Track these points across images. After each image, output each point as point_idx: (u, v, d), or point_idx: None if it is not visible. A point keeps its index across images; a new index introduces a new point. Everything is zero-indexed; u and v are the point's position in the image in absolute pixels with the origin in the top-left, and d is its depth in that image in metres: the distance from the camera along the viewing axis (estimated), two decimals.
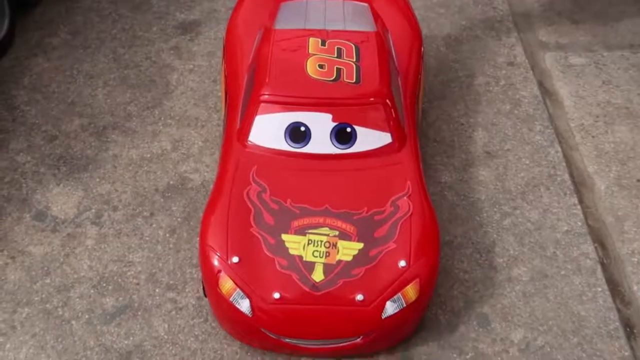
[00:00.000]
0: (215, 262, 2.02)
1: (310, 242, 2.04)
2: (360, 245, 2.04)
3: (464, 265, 2.42)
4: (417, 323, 2.19)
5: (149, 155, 2.73)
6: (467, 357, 2.19)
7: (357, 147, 2.21)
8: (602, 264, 2.44)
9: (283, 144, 2.21)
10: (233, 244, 2.03)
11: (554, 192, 2.65)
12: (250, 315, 2.00)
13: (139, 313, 2.26)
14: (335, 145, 2.21)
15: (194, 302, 2.29)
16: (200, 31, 3.24)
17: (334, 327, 2.00)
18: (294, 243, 2.04)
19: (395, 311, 2.00)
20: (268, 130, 2.23)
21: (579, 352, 2.20)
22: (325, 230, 2.06)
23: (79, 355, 2.16)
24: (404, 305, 2.01)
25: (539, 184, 2.67)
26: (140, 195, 2.60)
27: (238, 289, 1.99)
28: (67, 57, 3.09)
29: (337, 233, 2.06)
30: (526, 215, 2.57)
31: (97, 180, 2.64)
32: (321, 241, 2.04)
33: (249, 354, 2.18)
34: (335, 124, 2.20)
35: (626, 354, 2.20)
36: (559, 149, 2.80)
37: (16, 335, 2.20)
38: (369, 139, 2.22)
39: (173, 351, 2.18)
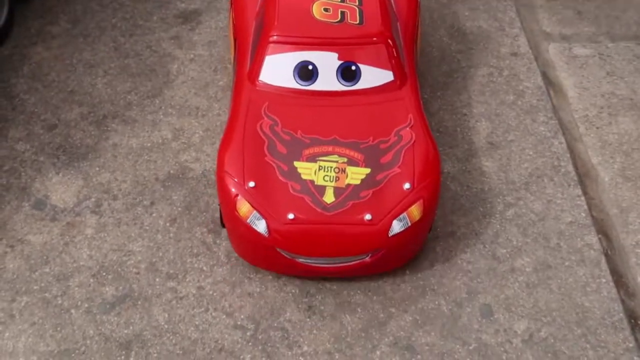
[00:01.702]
0: (233, 188, 2.16)
1: (320, 167, 2.18)
2: (368, 170, 2.19)
3: (467, 255, 2.40)
4: (420, 244, 2.32)
5: (149, 145, 2.70)
6: (470, 347, 2.17)
7: (362, 84, 2.36)
8: (607, 255, 2.42)
9: (292, 82, 2.35)
10: (249, 170, 2.17)
11: (558, 183, 2.62)
12: (266, 235, 2.12)
13: (139, 302, 2.24)
14: (341, 83, 2.35)
15: (194, 292, 2.27)
16: (201, 20, 3.21)
17: (344, 245, 2.14)
18: (305, 169, 2.18)
19: (401, 229, 2.14)
20: (278, 69, 2.36)
21: (582, 344, 2.18)
22: (334, 157, 2.21)
23: (79, 344, 2.14)
24: (409, 224, 2.15)
25: (543, 175, 2.65)
26: (141, 184, 2.57)
27: (255, 211, 2.12)
28: (67, 46, 3.06)
29: (345, 160, 2.20)
30: (530, 206, 2.55)
31: (97, 169, 2.61)
32: (331, 167, 2.18)
33: (249, 343, 2.16)
34: (340, 62, 2.35)
35: (630, 345, 2.18)
36: (563, 140, 2.78)
37: (15, 324, 2.18)
38: (372, 76, 2.37)
39: (173, 341, 2.16)
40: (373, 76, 2.36)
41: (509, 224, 2.49)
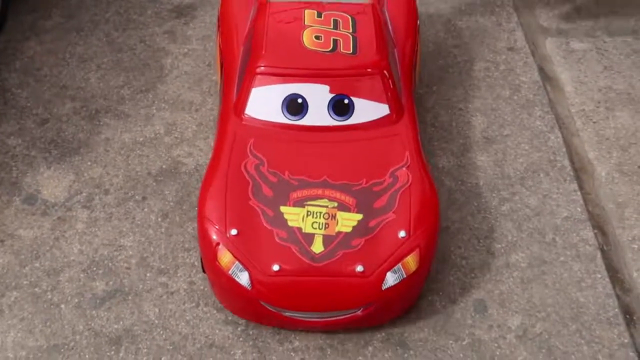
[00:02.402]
0: (214, 235, 2.01)
1: (309, 213, 2.02)
2: (360, 216, 2.03)
3: (462, 251, 2.37)
4: (416, 296, 2.16)
5: (141, 139, 2.69)
6: (464, 343, 2.15)
7: (355, 118, 2.20)
8: (602, 251, 2.40)
9: (280, 117, 2.19)
10: (231, 216, 2.02)
11: (554, 178, 2.60)
12: (249, 288, 1.97)
13: (130, 297, 2.23)
14: (332, 117, 2.19)
15: (185, 287, 2.26)
16: (195, 15, 3.19)
17: (334, 298, 1.99)
18: (292, 215, 2.02)
19: (396, 282, 1.99)
20: (265, 102, 2.20)
21: (577, 339, 2.16)
22: (324, 201, 2.04)
23: (68, 339, 2.12)
24: (404, 275, 2.00)
25: (539, 170, 2.63)
26: (132, 179, 2.55)
27: (237, 262, 1.97)
28: (60, 40, 3.04)
29: (336, 204, 2.04)
30: (525, 201, 2.52)
31: (89, 163, 2.59)
32: (320, 212, 2.02)
33: (240, 339, 2.14)
34: (332, 95, 2.19)
35: (625, 340, 2.16)
36: (559, 134, 2.76)
37: (4, 318, 2.16)
38: (366, 110, 2.20)
39: (164, 336, 2.14)
40: (367, 110, 2.20)
41: (504, 219, 2.47)
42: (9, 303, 2.20)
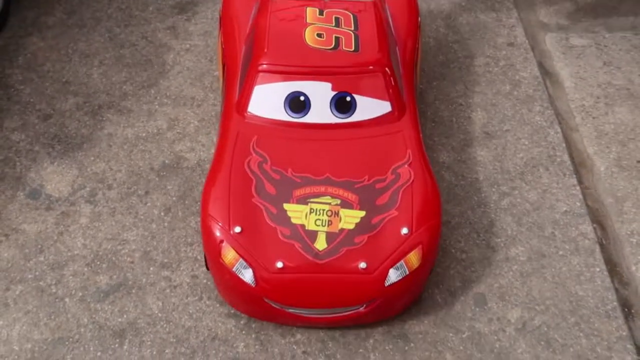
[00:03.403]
0: (217, 233, 2.01)
1: (312, 210, 2.03)
2: (362, 213, 2.04)
3: (462, 245, 2.40)
4: (419, 292, 2.18)
5: (144, 134, 2.70)
6: (464, 336, 2.17)
7: (357, 116, 2.21)
8: (601, 245, 2.42)
9: (283, 114, 2.20)
10: (235, 214, 2.02)
11: (553, 173, 2.62)
12: (253, 285, 1.98)
13: (133, 291, 2.25)
14: (335, 115, 2.20)
15: (188, 281, 2.28)
16: (196, 11, 3.21)
17: (337, 295, 2.00)
18: (296, 212, 2.03)
19: (399, 278, 2.00)
20: (267, 100, 2.21)
21: (576, 332, 2.18)
22: (327, 199, 2.05)
23: (73, 332, 2.15)
24: (407, 272, 2.01)
25: (538, 165, 2.65)
26: (135, 174, 2.57)
27: (241, 259, 1.98)
28: (62, 36, 3.06)
29: (339, 202, 2.05)
30: (525, 195, 2.54)
31: (92, 158, 2.61)
32: (323, 210, 2.03)
33: (243, 332, 2.16)
34: (334, 93, 2.19)
35: (624, 333, 2.18)
36: (559, 129, 2.77)
37: (9, 312, 2.19)
38: (368, 107, 2.21)
39: (167, 329, 2.16)
40: (369, 107, 2.21)
41: (503, 214, 2.49)
42: (14, 297, 2.22)
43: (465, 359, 2.12)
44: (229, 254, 1.99)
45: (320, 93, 2.19)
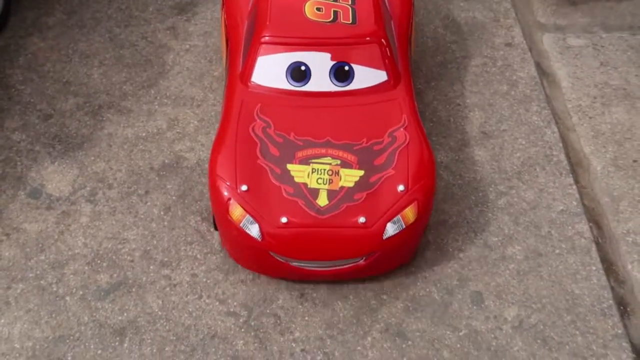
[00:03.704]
0: (225, 192, 2.14)
1: (314, 170, 2.16)
2: (361, 172, 2.17)
3: (459, 243, 2.42)
4: (414, 247, 2.30)
5: (144, 134, 2.72)
6: (461, 334, 2.19)
7: (355, 84, 2.34)
8: (597, 243, 2.44)
9: (285, 83, 2.33)
10: (241, 174, 2.16)
11: (550, 172, 2.64)
12: (259, 239, 2.11)
13: (133, 289, 2.27)
14: (334, 83, 2.33)
15: (188, 279, 2.30)
16: (196, 11, 3.22)
17: (338, 248, 2.13)
18: (298, 172, 2.16)
19: (396, 232, 2.13)
20: (270, 70, 2.34)
21: (572, 330, 2.21)
22: (327, 159, 2.18)
23: (73, 330, 2.17)
24: (404, 226, 2.13)
25: (535, 164, 2.67)
26: (135, 173, 2.59)
27: (247, 215, 2.11)
28: (62, 37, 3.08)
29: (339, 162, 2.18)
30: (522, 194, 2.56)
31: (92, 158, 2.63)
32: (324, 169, 2.16)
33: (242, 330, 2.19)
34: (333, 62, 2.32)
35: (619, 331, 2.20)
36: (556, 129, 2.79)
37: (10, 310, 2.21)
38: (365, 76, 2.34)
39: (167, 327, 2.19)
40: (366, 76, 2.34)
41: (500, 213, 2.51)
42: (15, 295, 2.24)
43: (462, 356, 2.14)
44: (236, 211, 2.12)
45: (320, 63, 2.32)
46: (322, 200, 2.12)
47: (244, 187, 2.13)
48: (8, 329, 2.17)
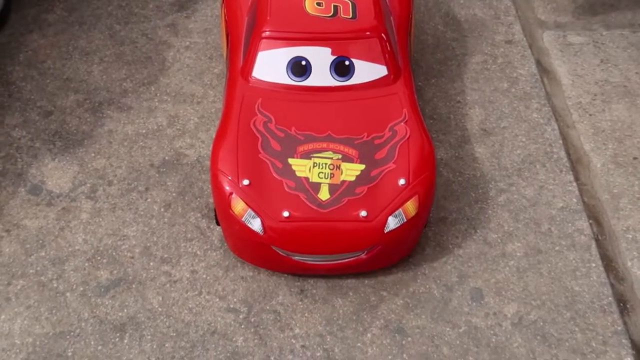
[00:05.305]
0: (227, 186, 2.15)
1: (315, 164, 2.17)
2: (362, 166, 2.18)
3: (459, 240, 2.42)
4: (415, 241, 2.32)
5: (144, 131, 2.72)
6: (460, 330, 2.20)
7: (355, 79, 2.34)
8: (597, 240, 2.44)
9: (285, 78, 2.33)
10: (243, 168, 2.16)
11: (550, 170, 2.64)
12: (261, 233, 2.11)
13: (133, 286, 2.27)
14: (334, 78, 2.33)
15: (188, 276, 2.30)
16: (196, 8, 3.23)
17: (340, 241, 2.14)
18: (300, 166, 2.17)
19: (397, 226, 2.14)
20: (270, 65, 2.34)
21: (571, 327, 2.21)
22: (329, 154, 2.19)
23: (74, 326, 2.17)
24: (405, 220, 2.14)
25: (535, 161, 2.67)
26: (136, 170, 2.60)
27: (249, 209, 2.11)
28: (62, 34, 3.08)
29: (340, 156, 2.19)
30: (521, 191, 2.56)
31: (93, 155, 2.64)
32: (326, 163, 2.17)
33: (242, 326, 2.19)
34: (334, 57, 2.33)
35: (619, 328, 2.20)
36: (556, 126, 2.79)
37: (11, 306, 2.21)
38: (366, 71, 2.35)
39: (167, 323, 2.19)
40: (367, 71, 2.35)
41: (500, 210, 2.51)
42: (15, 291, 2.25)
43: (461, 352, 2.15)
44: (238, 205, 2.12)
45: (320, 57, 2.32)
46: (324, 194, 2.13)
47: (246, 182, 2.14)
48: (8, 325, 2.17)
